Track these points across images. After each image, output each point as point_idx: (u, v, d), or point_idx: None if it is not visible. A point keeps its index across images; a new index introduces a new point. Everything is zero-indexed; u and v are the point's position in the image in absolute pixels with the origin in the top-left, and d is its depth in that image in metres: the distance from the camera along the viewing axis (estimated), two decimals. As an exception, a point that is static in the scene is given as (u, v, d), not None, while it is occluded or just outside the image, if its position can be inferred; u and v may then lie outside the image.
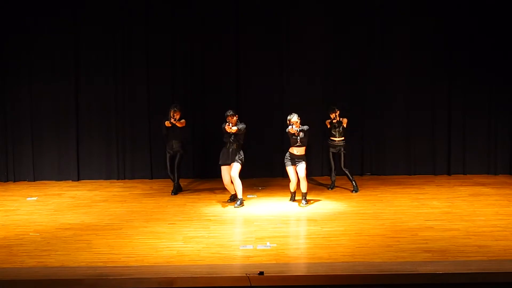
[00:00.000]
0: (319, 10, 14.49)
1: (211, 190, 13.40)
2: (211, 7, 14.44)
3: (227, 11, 14.47)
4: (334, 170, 13.37)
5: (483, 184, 13.66)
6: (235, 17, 14.49)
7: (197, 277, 8.28)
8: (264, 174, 14.24)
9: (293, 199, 12.38)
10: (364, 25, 14.49)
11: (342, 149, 13.14)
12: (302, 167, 12.01)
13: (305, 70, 14.59)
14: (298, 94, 14.57)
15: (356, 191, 13.03)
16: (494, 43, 14.42)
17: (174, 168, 13.04)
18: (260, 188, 13.57)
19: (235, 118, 12.08)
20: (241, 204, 11.97)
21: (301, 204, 11.99)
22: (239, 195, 12.05)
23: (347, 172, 13.13)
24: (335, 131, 13.14)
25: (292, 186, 12.24)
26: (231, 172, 12.07)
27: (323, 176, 14.50)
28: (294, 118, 11.92)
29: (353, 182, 13.12)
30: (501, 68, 14.48)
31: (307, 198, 12.16)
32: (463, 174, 14.60)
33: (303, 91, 14.60)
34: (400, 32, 14.49)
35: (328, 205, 12.11)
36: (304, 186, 12.04)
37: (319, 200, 12.47)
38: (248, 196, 12.80)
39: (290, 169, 12.11)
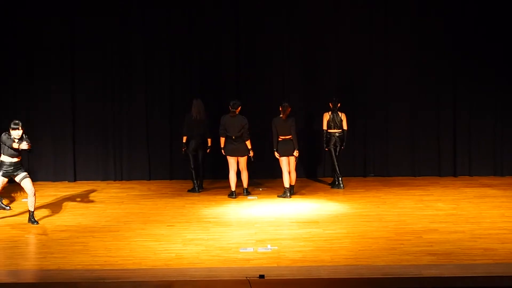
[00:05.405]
0: (321, 9, 14.40)
1: (211, 192, 13.31)
2: (210, 7, 14.38)
3: (227, 10, 14.41)
4: (338, 165, 13.38)
5: (489, 186, 13.60)
6: (235, 17, 14.44)
7: (196, 280, 8.20)
8: (265, 175, 14.16)
9: (291, 193, 12.74)
10: (369, 24, 14.43)
11: (339, 142, 13.33)
12: (292, 159, 12.66)
13: (307, 70, 14.54)
14: (299, 94, 14.53)
15: (333, 187, 13.46)
16: (501, 44, 14.35)
17: (199, 166, 13.16)
18: (261, 189, 13.51)
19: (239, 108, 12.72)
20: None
21: (282, 195, 12.69)
22: (232, 188, 12.70)
23: (336, 166, 13.43)
24: (333, 123, 13.28)
25: (286, 179, 12.66)
26: (241, 165, 12.68)
27: (325, 177, 14.40)
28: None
29: (336, 179, 13.45)
30: (507, 69, 14.41)
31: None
32: (469, 175, 14.52)
33: (304, 91, 14.57)
34: (406, 32, 14.45)
35: (330, 207, 12.05)
36: (293, 178, 12.78)
37: (320, 201, 12.44)
38: (248, 197, 12.78)
39: (283, 159, 12.66)
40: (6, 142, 10.81)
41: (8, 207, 12.01)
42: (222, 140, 12.69)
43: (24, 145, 10.76)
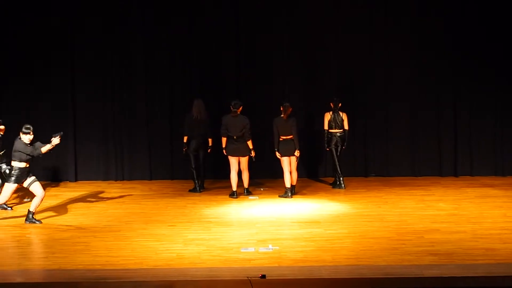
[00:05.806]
0: (321, 9, 14.39)
1: (212, 191, 13.29)
2: (210, 7, 14.38)
3: (227, 10, 14.41)
4: (339, 165, 13.36)
5: (490, 186, 13.57)
6: (235, 17, 14.44)
7: (197, 280, 8.18)
8: (266, 175, 14.13)
9: (292, 193, 12.71)
10: (369, 24, 14.42)
11: (340, 142, 13.30)
12: (293, 159, 12.65)
13: (307, 70, 14.52)
14: (300, 94, 14.51)
15: (334, 187, 13.42)
16: (501, 44, 14.33)
17: (200, 166, 13.14)
18: (262, 189, 13.48)
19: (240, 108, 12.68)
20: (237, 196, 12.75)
21: (284, 195, 12.66)
22: (233, 188, 12.66)
23: (337, 166, 13.40)
24: (334, 123, 13.26)
25: (287, 179, 12.65)
26: (242, 165, 12.64)
27: (326, 177, 14.38)
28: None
29: (338, 179, 13.42)
30: (507, 69, 14.39)
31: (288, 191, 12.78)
32: (470, 175, 14.48)
33: (304, 91, 14.55)
34: (406, 32, 14.43)
35: (331, 206, 12.01)
36: (294, 178, 12.75)
37: (321, 201, 12.41)
38: (249, 197, 12.75)
39: (284, 159, 12.63)
40: (24, 150, 10.73)
41: (10, 208, 11.99)
42: (224, 140, 12.66)
43: (57, 140, 10.72)
